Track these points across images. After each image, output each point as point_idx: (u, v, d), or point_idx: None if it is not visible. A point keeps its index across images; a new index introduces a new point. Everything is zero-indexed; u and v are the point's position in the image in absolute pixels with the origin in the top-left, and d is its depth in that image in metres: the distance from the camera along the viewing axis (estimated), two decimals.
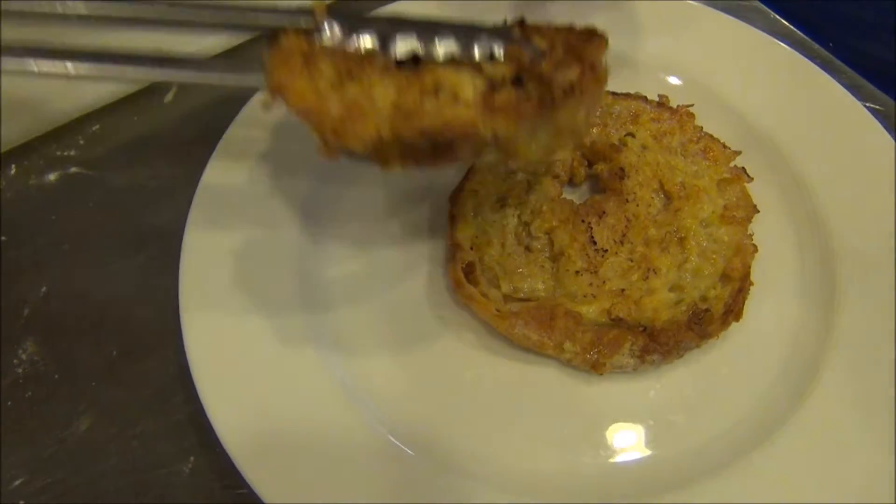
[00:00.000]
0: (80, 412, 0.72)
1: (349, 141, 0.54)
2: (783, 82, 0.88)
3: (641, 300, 0.71)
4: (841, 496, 0.62)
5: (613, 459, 0.67)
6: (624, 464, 0.67)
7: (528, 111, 0.54)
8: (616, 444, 0.68)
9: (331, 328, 0.73)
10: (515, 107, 0.54)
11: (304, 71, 0.57)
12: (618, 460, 0.67)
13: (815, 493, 0.62)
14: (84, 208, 0.85)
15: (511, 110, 0.54)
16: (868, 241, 0.76)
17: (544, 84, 0.56)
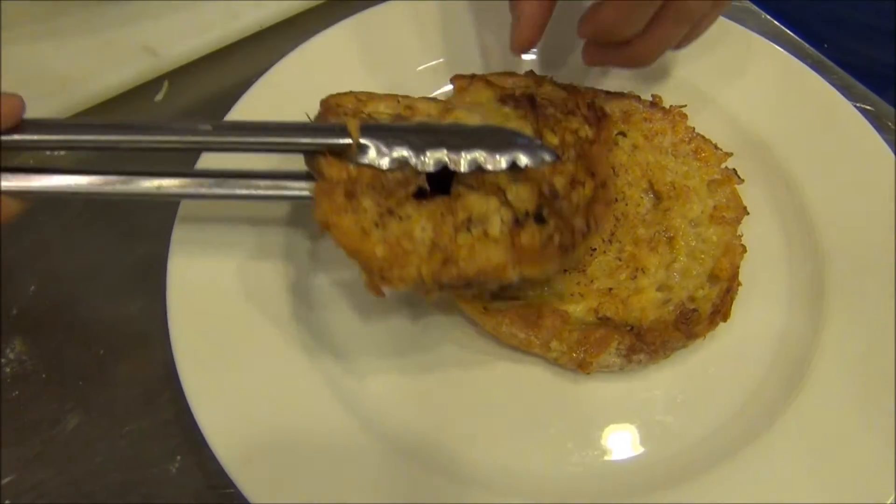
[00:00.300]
0: (67, 411, 0.72)
1: (394, 284, 0.61)
2: (774, 83, 0.88)
3: (629, 299, 0.70)
4: (829, 496, 0.62)
5: (601, 459, 0.67)
6: (611, 463, 0.67)
7: (551, 257, 0.63)
8: (603, 444, 0.68)
9: (319, 329, 0.73)
10: (540, 254, 0.62)
11: (349, 206, 0.64)
12: (605, 460, 0.67)
13: (804, 494, 0.62)
14: (74, 208, 0.85)
15: (536, 257, 0.62)
16: (857, 242, 0.76)
17: (563, 219, 0.64)
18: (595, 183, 0.68)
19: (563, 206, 0.65)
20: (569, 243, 0.63)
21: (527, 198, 0.66)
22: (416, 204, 0.66)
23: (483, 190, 0.66)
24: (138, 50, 0.93)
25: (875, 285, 0.73)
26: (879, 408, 0.66)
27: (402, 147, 0.67)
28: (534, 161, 0.65)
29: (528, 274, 0.63)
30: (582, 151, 0.71)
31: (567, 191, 0.67)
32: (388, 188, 0.66)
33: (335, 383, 0.69)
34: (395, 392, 0.70)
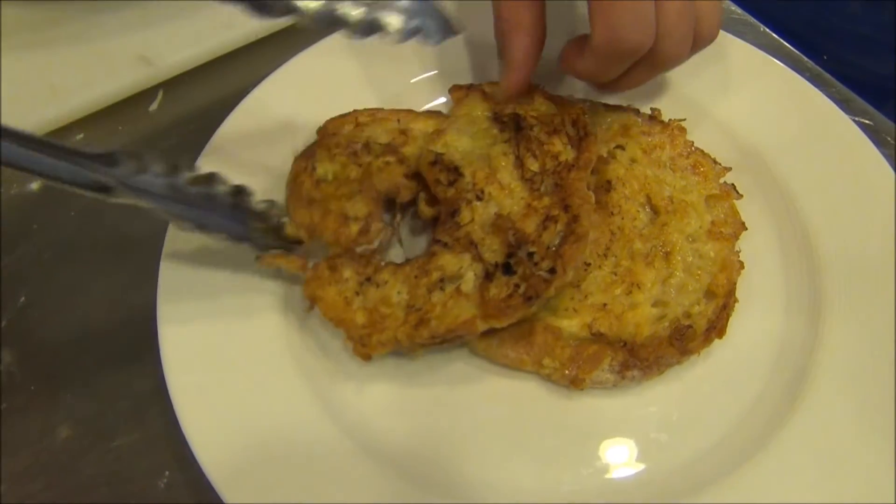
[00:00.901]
0: (55, 424, 0.71)
1: (374, 349, 0.67)
2: (773, 97, 0.87)
3: (623, 315, 0.70)
4: None
5: (594, 477, 0.66)
6: (605, 481, 0.66)
7: (516, 307, 0.65)
8: (597, 462, 0.67)
9: (310, 345, 0.72)
10: (505, 305, 0.65)
11: (332, 279, 0.70)
12: (599, 478, 0.66)
13: None
14: (66, 218, 0.84)
15: (501, 310, 0.65)
16: (855, 258, 0.75)
17: (531, 267, 0.67)
18: (568, 217, 0.69)
19: (533, 251, 0.68)
20: (533, 293, 0.65)
21: (497, 248, 0.69)
22: (393, 268, 0.71)
23: (457, 247, 0.70)
24: (133, 59, 0.93)
25: (873, 302, 0.72)
26: (878, 425, 0.66)
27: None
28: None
29: (495, 325, 0.66)
30: (560, 180, 0.72)
31: (538, 232, 0.69)
32: (364, 252, 0.72)
33: (327, 400, 0.68)
34: (388, 409, 0.69)
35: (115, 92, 0.92)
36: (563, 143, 0.75)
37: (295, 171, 0.77)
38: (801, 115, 0.85)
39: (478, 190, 0.73)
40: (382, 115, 0.82)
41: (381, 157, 0.77)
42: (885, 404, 0.66)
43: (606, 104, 0.84)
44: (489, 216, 0.71)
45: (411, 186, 0.77)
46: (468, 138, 0.77)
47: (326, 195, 0.75)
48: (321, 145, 0.78)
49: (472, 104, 0.81)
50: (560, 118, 0.76)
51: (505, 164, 0.75)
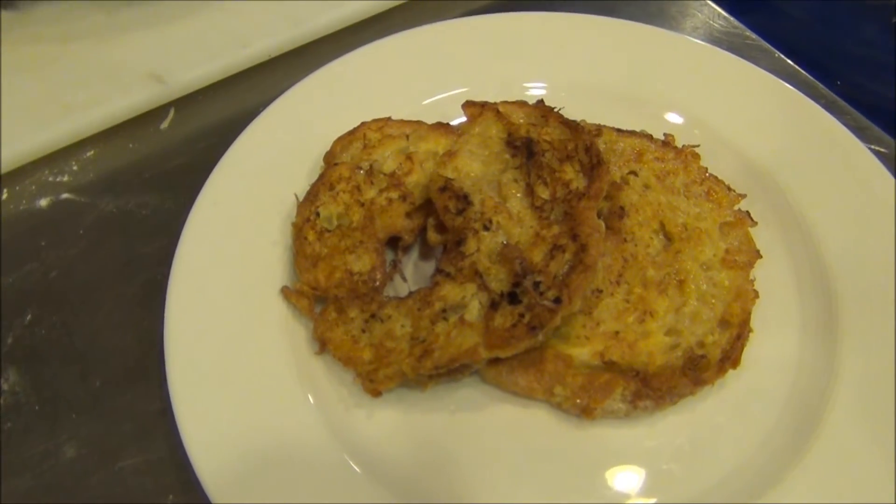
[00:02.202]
0: (59, 445, 0.70)
1: (381, 384, 0.67)
2: (788, 124, 0.86)
3: (636, 343, 0.69)
4: None
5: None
6: None
7: (520, 337, 0.64)
8: (606, 492, 0.66)
9: (321, 371, 0.71)
10: (509, 334, 0.65)
11: (339, 320, 0.71)
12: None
13: None
14: (74, 235, 0.84)
15: (505, 339, 0.64)
16: (871, 288, 0.74)
17: (536, 297, 0.66)
18: (576, 246, 0.68)
19: (540, 280, 0.67)
20: (538, 322, 0.65)
21: (503, 278, 0.69)
22: (397, 302, 0.72)
23: (461, 277, 0.70)
24: (145, 77, 0.93)
25: (889, 332, 0.71)
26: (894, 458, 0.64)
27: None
28: None
29: (500, 354, 0.65)
30: (570, 208, 0.71)
31: (546, 261, 0.69)
32: (369, 293, 0.73)
33: (337, 426, 0.68)
34: (397, 435, 0.68)
35: (127, 109, 0.92)
36: (574, 170, 0.74)
37: (299, 222, 0.77)
38: (816, 142, 0.85)
39: (486, 219, 0.72)
40: (391, 131, 0.82)
41: (384, 193, 0.77)
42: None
43: (620, 129, 0.83)
44: (496, 245, 0.71)
45: (413, 228, 0.78)
46: (479, 163, 0.77)
47: (331, 249, 0.75)
48: (324, 182, 0.78)
49: (487, 123, 0.80)
50: (573, 144, 0.76)
51: (515, 192, 0.74)
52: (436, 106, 0.89)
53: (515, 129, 0.79)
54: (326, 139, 0.82)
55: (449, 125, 0.84)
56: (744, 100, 0.89)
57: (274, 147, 0.83)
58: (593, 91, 0.91)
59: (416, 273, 0.79)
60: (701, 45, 0.94)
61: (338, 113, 0.85)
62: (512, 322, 0.66)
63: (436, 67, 0.93)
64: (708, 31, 1.05)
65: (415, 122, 0.84)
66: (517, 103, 0.82)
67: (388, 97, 0.88)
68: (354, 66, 0.91)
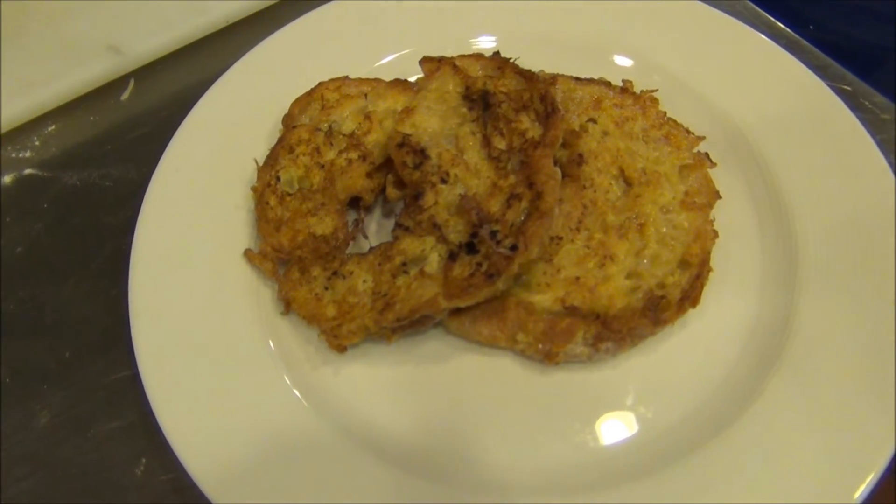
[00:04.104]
0: (31, 415, 0.71)
1: (345, 338, 0.68)
2: (748, 65, 0.86)
3: (597, 288, 0.69)
4: (799, 485, 0.61)
5: (572, 451, 0.66)
6: (584, 454, 0.66)
7: (479, 285, 0.65)
8: (574, 436, 0.66)
9: (284, 329, 0.72)
10: (467, 283, 0.66)
11: (302, 279, 0.72)
12: (577, 452, 0.66)
13: (772, 483, 0.61)
14: (39, 210, 0.84)
15: (464, 288, 0.65)
16: (832, 227, 0.74)
17: (493, 248, 0.67)
18: (532, 194, 0.69)
19: (497, 229, 0.68)
20: (495, 270, 0.66)
21: (461, 229, 0.69)
22: (358, 259, 0.73)
23: (419, 230, 0.71)
24: (103, 49, 0.93)
25: (849, 270, 0.71)
26: (855, 386, 0.65)
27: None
28: None
29: (459, 304, 0.66)
30: (526, 157, 0.72)
31: (503, 210, 0.69)
32: (331, 251, 0.73)
33: (304, 384, 0.69)
34: (365, 390, 0.69)
35: (86, 82, 0.92)
36: (530, 119, 0.74)
37: (260, 187, 0.77)
38: (775, 83, 0.84)
39: (443, 172, 0.72)
40: (349, 90, 0.82)
41: (343, 154, 0.78)
42: (862, 368, 0.66)
43: (578, 78, 0.83)
44: (454, 197, 0.71)
45: (373, 188, 0.78)
46: (437, 118, 0.77)
47: (293, 213, 0.75)
48: (284, 145, 0.78)
49: (444, 78, 0.80)
50: (529, 94, 0.76)
51: (472, 144, 0.74)
52: (392, 65, 0.89)
53: (472, 83, 0.79)
54: (285, 102, 0.82)
55: (407, 81, 0.84)
56: (703, 43, 0.88)
57: (233, 111, 0.84)
58: (546, 41, 0.90)
59: (379, 230, 0.79)
60: None
61: (295, 75, 0.85)
62: (470, 271, 0.66)
63: (389, 27, 0.92)
64: None
65: (373, 79, 0.84)
66: (474, 56, 0.82)
67: (344, 58, 0.88)
68: (309, 29, 0.90)
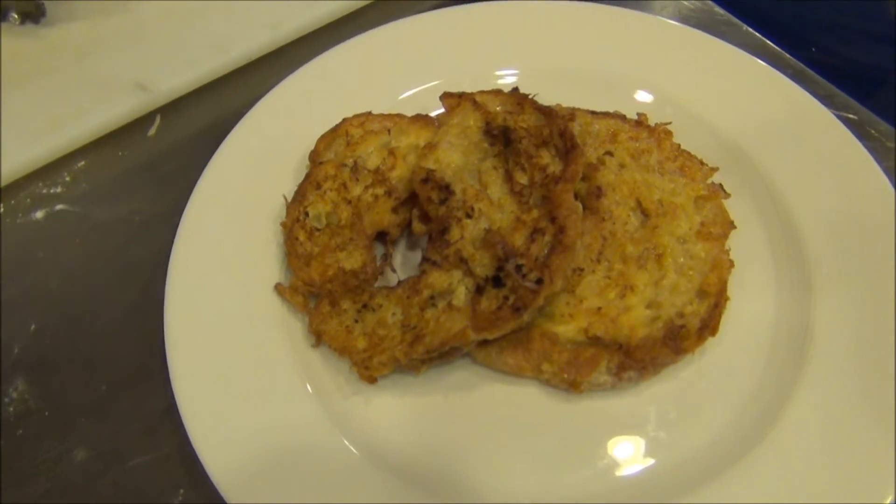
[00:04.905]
0: (70, 448, 0.73)
1: (376, 370, 0.70)
2: (756, 96, 0.89)
3: (618, 318, 0.71)
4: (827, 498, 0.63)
5: (595, 477, 0.68)
6: (606, 480, 0.68)
7: (506, 318, 0.68)
8: (598, 461, 0.68)
9: (315, 361, 0.74)
10: (495, 316, 0.68)
11: (333, 312, 0.74)
12: (600, 477, 0.68)
13: None
14: (71, 245, 0.86)
15: (492, 321, 0.68)
16: (845, 252, 0.77)
17: (519, 282, 0.69)
18: (555, 228, 0.71)
19: (522, 263, 0.70)
20: (522, 304, 0.68)
21: (487, 263, 0.72)
22: (387, 291, 0.75)
23: (446, 264, 0.73)
24: (130, 86, 0.95)
25: (864, 295, 0.74)
26: (873, 412, 0.67)
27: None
28: None
29: (487, 336, 0.69)
30: (547, 192, 0.74)
31: (527, 244, 0.71)
32: (360, 284, 0.75)
33: (336, 413, 0.71)
34: (394, 419, 0.71)
35: (114, 119, 0.94)
36: (550, 155, 0.77)
37: (289, 223, 0.79)
38: (784, 113, 0.87)
39: (468, 207, 0.75)
40: (372, 126, 0.85)
41: (369, 189, 0.80)
42: (879, 393, 0.68)
43: (594, 112, 0.86)
44: (479, 232, 0.74)
45: (399, 222, 0.80)
46: (459, 153, 0.80)
47: (322, 248, 0.77)
48: (311, 181, 0.81)
49: (464, 113, 0.82)
50: (548, 129, 0.78)
51: (495, 179, 0.77)
52: (414, 99, 0.92)
53: (492, 118, 0.81)
54: (310, 137, 0.84)
55: (428, 117, 0.87)
56: (713, 75, 0.91)
57: (260, 148, 0.86)
58: (564, 75, 0.93)
59: (405, 262, 0.81)
60: (667, 23, 0.97)
61: (319, 111, 0.87)
62: (497, 304, 0.68)
63: (411, 61, 0.95)
64: (676, 9, 1.07)
65: (395, 115, 0.86)
66: (493, 92, 0.85)
67: (367, 93, 0.91)
68: (332, 64, 0.93)
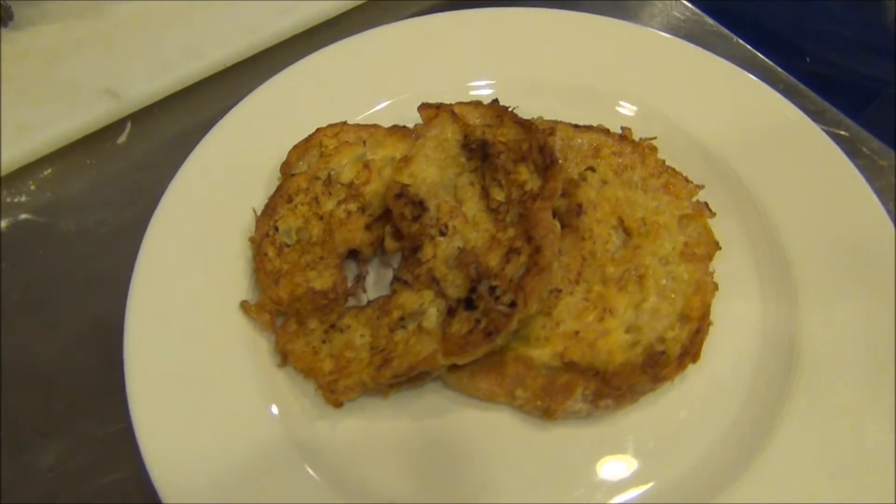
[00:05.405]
0: (25, 468, 0.70)
1: (342, 394, 0.67)
2: (745, 111, 0.86)
3: (596, 342, 0.68)
4: None
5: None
6: None
7: (476, 343, 0.64)
8: (573, 492, 0.66)
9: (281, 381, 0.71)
10: (465, 341, 0.65)
11: (300, 332, 0.71)
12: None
13: None
14: (34, 256, 0.83)
15: (462, 345, 0.65)
16: (833, 276, 0.74)
17: (492, 302, 0.66)
18: (531, 248, 0.68)
19: (496, 284, 0.67)
20: (493, 328, 0.65)
21: (460, 283, 0.68)
22: (356, 311, 0.72)
23: (418, 284, 0.70)
24: (99, 92, 0.92)
25: (853, 319, 0.71)
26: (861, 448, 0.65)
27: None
28: None
29: (458, 361, 0.65)
30: (524, 210, 0.71)
31: (502, 264, 0.68)
32: (329, 304, 0.72)
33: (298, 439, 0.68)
34: (362, 444, 0.68)
35: (83, 126, 0.91)
36: (529, 171, 0.74)
37: (258, 237, 0.76)
38: (773, 129, 0.84)
39: (441, 225, 0.72)
40: (347, 137, 0.82)
41: (342, 205, 0.77)
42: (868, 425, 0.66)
43: (577, 125, 0.83)
44: (453, 251, 0.71)
45: (372, 241, 0.77)
46: (436, 167, 0.77)
47: (291, 265, 0.74)
48: (282, 194, 0.78)
49: (442, 125, 0.80)
50: (527, 144, 0.75)
51: (471, 195, 0.74)
52: (390, 109, 0.89)
53: (471, 131, 0.79)
54: (283, 148, 0.82)
55: (405, 128, 0.84)
56: (700, 88, 0.88)
57: (230, 158, 0.83)
58: (546, 85, 0.90)
59: (378, 280, 0.79)
60: (654, 33, 0.94)
61: (292, 120, 0.85)
62: (468, 328, 0.66)
63: (387, 70, 0.92)
64: (666, 19, 1.04)
65: (371, 126, 0.84)
66: (472, 104, 0.82)
67: (342, 103, 0.88)
68: (307, 73, 0.90)
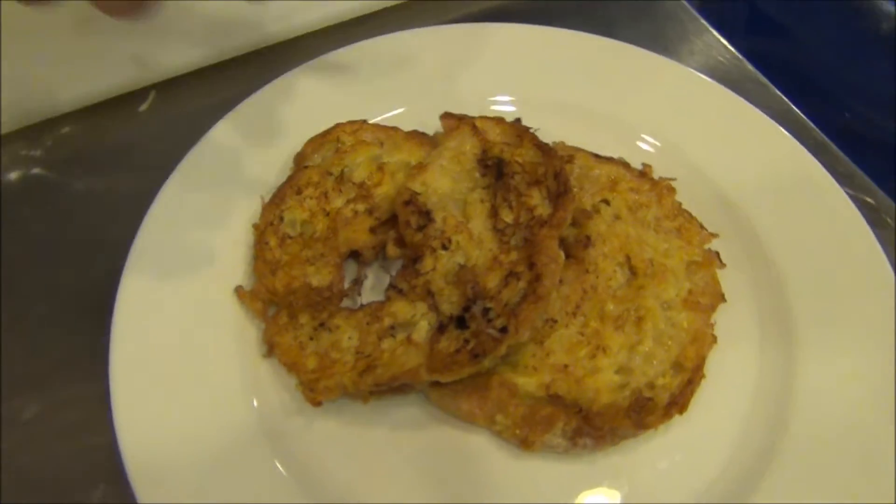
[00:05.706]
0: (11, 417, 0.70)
1: (320, 395, 0.66)
2: (771, 164, 0.84)
3: (584, 379, 0.67)
4: None
5: None
6: None
7: (462, 364, 0.63)
8: None
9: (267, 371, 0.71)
10: (451, 360, 0.64)
11: (290, 325, 0.70)
12: None
13: None
14: (41, 212, 0.83)
15: (447, 364, 0.63)
16: (835, 346, 0.72)
17: (484, 324, 0.65)
18: (531, 275, 0.67)
19: (490, 307, 0.66)
20: (481, 350, 0.63)
21: (455, 300, 0.68)
22: (347, 314, 0.71)
23: (413, 295, 0.69)
24: (128, 58, 0.92)
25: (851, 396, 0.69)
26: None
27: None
28: None
29: (441, 378, 0.64)
30: (531, 235, 0.70)
31: (500, 287, 0.67)
32: (322, 301, 0.71)
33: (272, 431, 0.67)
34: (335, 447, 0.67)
35: (106, 90, 0.91)
36: (541, 196, 0.73)
37: (262, 225, 0.76)
38: (797, 188, 0.82)
39: (445, 238, 0.71)
40: (365, 136, 0.81)
41: (350, 204, 0.76)
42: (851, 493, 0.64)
43: (597, 155, 0.82)
44: (453, 266, 0.70)
45: (375, 244, 0.76)
46: (449, 179, 0.76)
47: (291, 257, 0.74)
48: (292, 185, 0.77)
49: (462, 138, 0.79)
50: (544, 169, 0.74)
51: (479, 212, 0.73)
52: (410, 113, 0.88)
53: (490, 147, 0.78)
54: (299, 138, 0.81)
55: (425, 135, 0.83)
56: (728, 134, 0.86)
57: (246, 142, 0.83)
58: (569, 109, 0.89)
59: (376, 284, 0.78)
60: (687, 71, 0.92)
61: (313, 112, 0.84)
62: (456, 347, 0.65)
63: (412, 74, 0.91)
64: (705, 59, 1.02)
65: (390, 128, 0.83)
66: (495, 120, 0.81)
67: (364, 101, 0.88)
68: (333, 66, 0.89)
